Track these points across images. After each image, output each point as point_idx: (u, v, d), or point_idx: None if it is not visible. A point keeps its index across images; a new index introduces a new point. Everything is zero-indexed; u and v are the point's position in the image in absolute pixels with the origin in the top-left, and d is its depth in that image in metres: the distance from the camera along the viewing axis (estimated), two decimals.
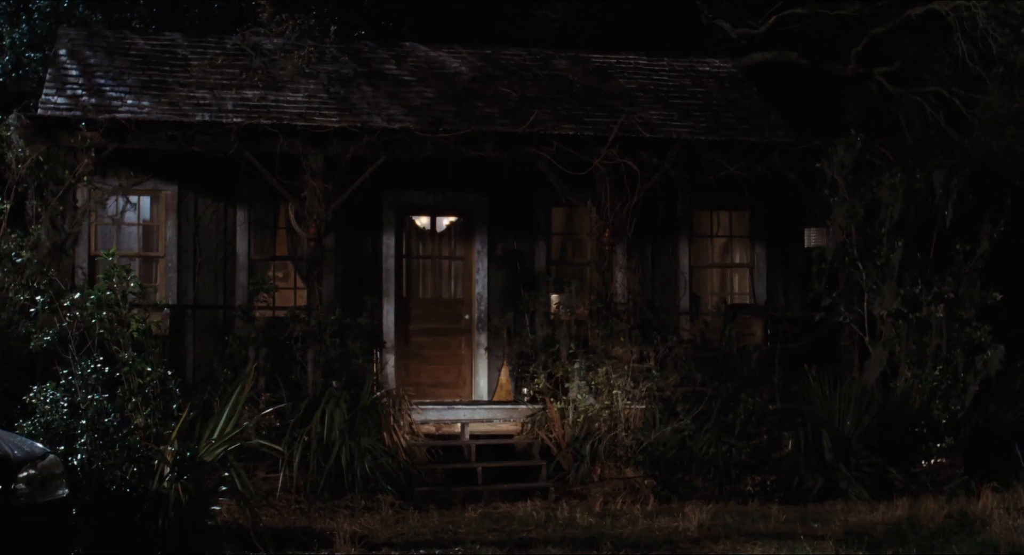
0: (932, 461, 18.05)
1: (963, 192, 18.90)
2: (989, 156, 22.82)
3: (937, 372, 18.25)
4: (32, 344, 13.41)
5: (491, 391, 20.03)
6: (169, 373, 13.09)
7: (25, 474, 9.67)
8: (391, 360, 19.69)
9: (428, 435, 17.98)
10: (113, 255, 13.70)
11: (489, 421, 18.81)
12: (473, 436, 18.27)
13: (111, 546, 12.03)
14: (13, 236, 14.88)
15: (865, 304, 18.76)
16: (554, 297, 19.83)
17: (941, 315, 18.46)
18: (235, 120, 17.96)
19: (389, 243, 20.10)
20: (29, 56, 25.07)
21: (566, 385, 18.29)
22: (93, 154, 16.44)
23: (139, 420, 12.74)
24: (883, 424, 17.64)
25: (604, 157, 18.87)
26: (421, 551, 13.18)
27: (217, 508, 13.11)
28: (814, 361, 18.65)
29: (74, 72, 19.30)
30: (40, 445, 10.55)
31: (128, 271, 13.53)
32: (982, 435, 18.50)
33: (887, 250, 18.52)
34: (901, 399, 18.15)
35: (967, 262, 18.61)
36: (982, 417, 18.56)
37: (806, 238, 19.96)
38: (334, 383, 17.21)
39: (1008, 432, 18.67)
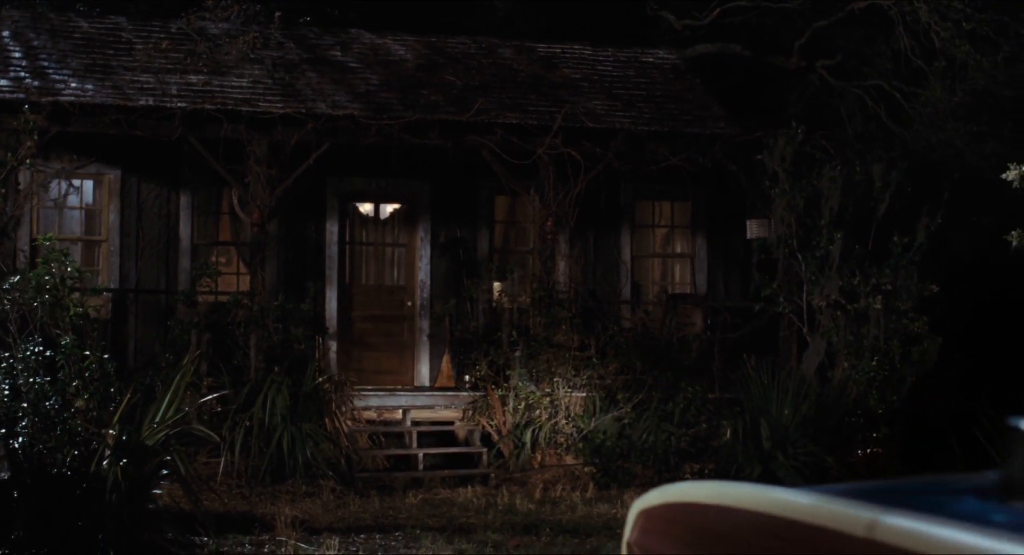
0: (868, 450, 18.25)
1: (901, 185, 19.07)
2: (929, 149, 23.01)
3: (874, 363, 18.43)
4: None
5: (433, 378, 20.10)
6: (106, 357, 13.07)
7: None
8: (333, 346, 19.72)
9: (370, 421, 18.05)
10: (51, 239, 13.68)
11: (431, 408, 18.89)
12: (415, 423, 18.35)
13: (52, 528, 12.02)
14: None
15: (804, 295, 18.92)
16: (496, 285, 19.92)
17: (879, 306, 18.64)
18: (179, 105, 17.95)
19: (332, 230, 20.13)
20: None
21: (507, 373, 18.39)
22: (36, 137, 16.37)
23: (80, 404, 12.71)
24: (820, 414, 17.81)
25: (548, 146, 18.96)
26: (361, 536, 13.26)
27: (158, 492, 13.11)
28: (753, 351, 18.80)
29: (17, 54, 19.21)
30: None
31: (66, 255, 13.51)
32: (918, 425, 18.72)
33: (826, 242, 18.69)
34: (838, 389, 18.34)
35: (905, 254, 18.79)
36: (918, 408, 18.78)
37: (747, 229, 20.12)
38: (276, 369, 17.24)
39: (944, 423, 18.88)
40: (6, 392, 12.46)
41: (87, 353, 12.84)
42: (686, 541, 4.06)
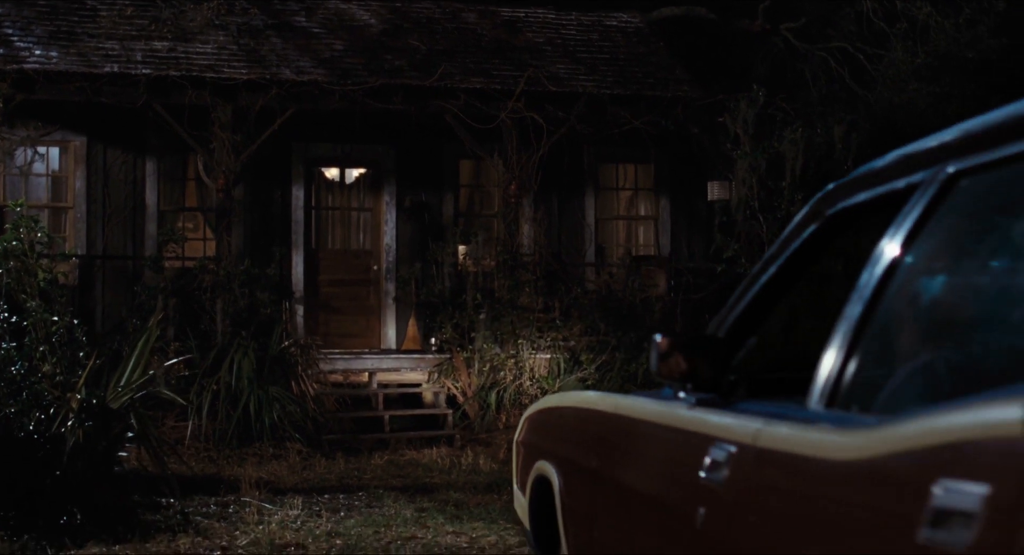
0: None
1: (863, 147, 19.24)
2: (891, 111, 23.18)
3: None
4: None
5: (399, 341, 20.27)
6: (75, 322, 13.22)
7: None
8: (300, 310, 19.89)
9: (336, 384, 18.22)
10: (22, 206, 13.79)
11: (397, 370, 19.07)
12: (381, 385, 18.53)
13: (18, 491, 12.17)
14: None
15: None
16: (461, 248, 20.08)
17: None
18: (144, 71, 18.03)
19: (298, 195, 20.26)
20: None
21: (472, 335, 18.58)
22: (1, 105, 16.48)
23: (47, 368, 12.86)
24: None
25: (511, 110, 19.11)
26: (326, 496, 13.44)
27: (124, 454, 13.27)
28: (716, 311, 18.98)
29: None
30: None
31: (36, 221, 13.64)
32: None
33: (787, 203, 18.86)
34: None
35: None
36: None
37: (709, 191, 20.29)
38: (243, 333, 17.39)
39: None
40: None
41: (55, 318, 12.98)
42: (547, 434, 6.09)
